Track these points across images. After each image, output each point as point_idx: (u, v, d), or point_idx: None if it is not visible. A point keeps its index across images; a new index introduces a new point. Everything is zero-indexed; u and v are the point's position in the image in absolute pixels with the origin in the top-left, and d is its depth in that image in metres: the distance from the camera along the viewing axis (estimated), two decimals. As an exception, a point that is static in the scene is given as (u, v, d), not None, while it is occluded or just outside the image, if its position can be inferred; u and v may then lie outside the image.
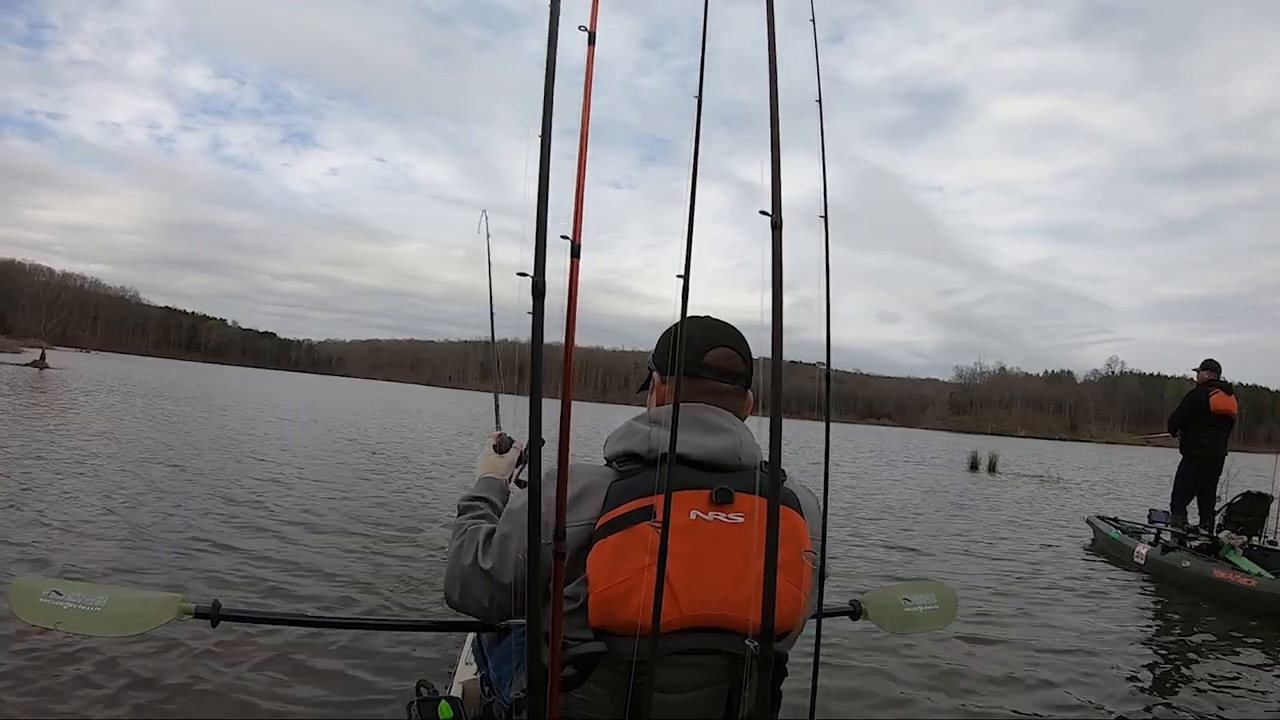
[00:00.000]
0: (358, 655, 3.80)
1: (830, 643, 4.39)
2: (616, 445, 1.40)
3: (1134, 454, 66.20)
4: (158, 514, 6.66)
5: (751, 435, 1.43)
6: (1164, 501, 8.97)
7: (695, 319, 1.49)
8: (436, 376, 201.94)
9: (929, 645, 4.64)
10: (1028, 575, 7.39)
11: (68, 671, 3.30)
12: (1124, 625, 5.81)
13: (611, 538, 1.25)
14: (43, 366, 36.32)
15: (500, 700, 1.64)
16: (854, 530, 9.35)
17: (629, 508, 1.26)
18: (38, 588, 1.52)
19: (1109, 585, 7.27)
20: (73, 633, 1.53)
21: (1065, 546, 9.55)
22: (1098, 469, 31.53)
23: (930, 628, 2.04)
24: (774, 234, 1.07)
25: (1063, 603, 6.34)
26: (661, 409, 1.38)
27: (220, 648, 3.68)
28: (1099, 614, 6.04)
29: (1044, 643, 5.01)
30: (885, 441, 42.96)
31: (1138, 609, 6.50)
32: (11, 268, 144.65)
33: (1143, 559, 7.94)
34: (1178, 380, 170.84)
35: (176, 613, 1.59)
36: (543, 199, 1.04)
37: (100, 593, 1.56)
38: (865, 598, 2.02)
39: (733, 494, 1.29)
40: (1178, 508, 8.24)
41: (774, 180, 1.08)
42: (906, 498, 14.01)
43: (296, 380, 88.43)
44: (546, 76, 1.04)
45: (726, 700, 1.29)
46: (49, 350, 50.11)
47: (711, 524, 1.28)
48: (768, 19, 1.12)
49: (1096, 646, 5.06)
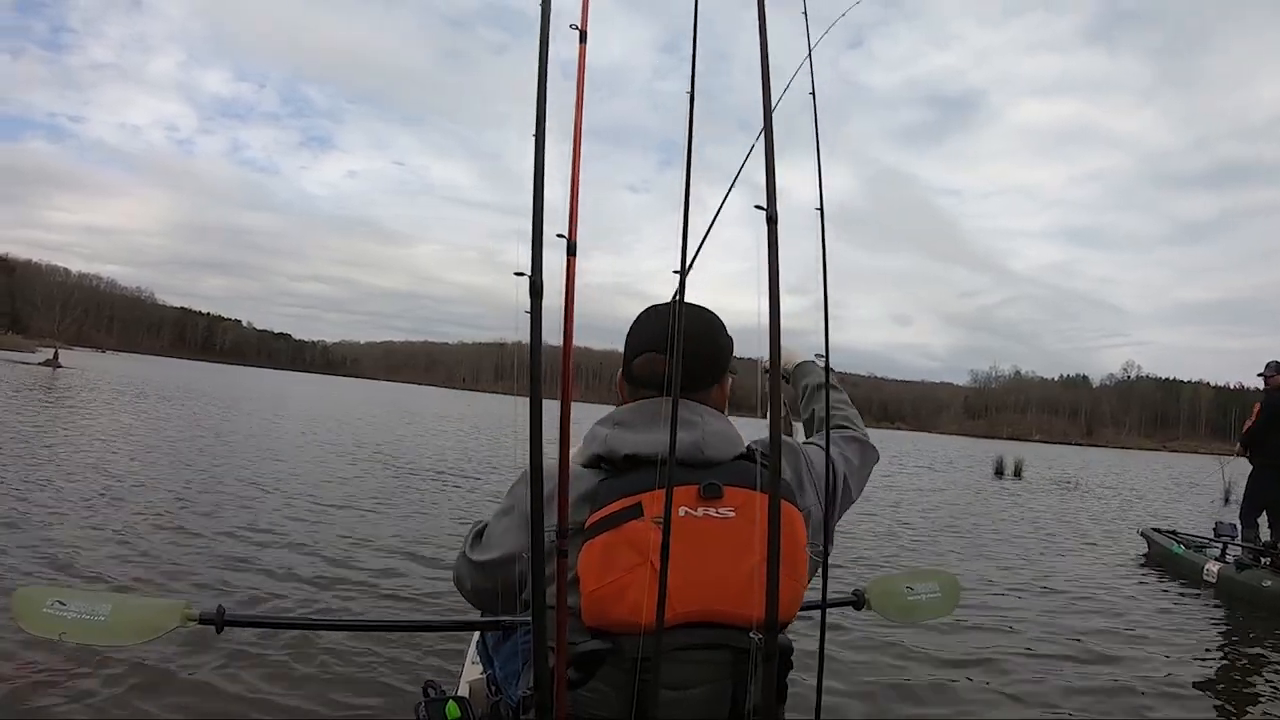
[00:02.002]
0: (364, 657, 3.81)
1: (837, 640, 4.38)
2: (584, 451, 1.40)
3: (1151, 459, 65.83)
4: (162, 517, 6.70)
5: (725, 425, 1.41)
6: (1193, 508, 8.73)
7: (656, 309, 1.47)
8: (450, 378, 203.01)
9: (985, 669, 4.44)
10: (1085, 594, 6.76)
11: (71, 677, 3.30)
12: (1207, 654, 5.23)
13: (600, 537, 1.24)
14: (55, 366, 36.72)
15: (507, 699, 1.64)
16: (902, 548, 8.59)
17: (616, 506, 1.25)
18: (41, 598, 1.51)
19: (1178, 606, 6.61)
20: (78, 643, 1.52)
21: (1118, 560, 8.86)
22: (1119, 475, 31.12)
23: (933, 616, 2.04)
24: (769, 228, 1.07)
25: (1131, 628, 5.68)
26: (624, 409, 1.41)
27: (226, 652, 3.69)
28: (1174, 644, 5.34)
29: (1119, 674, 4.54)
30: (903, 446, 42.61)
31: (1219, 634, 5.85)
32: (28, 268, 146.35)
33: (1213, 577, 7.23)
34: (1193, 385, 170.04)
35: (181, 619, 1.58)
36: (538, 198, 1.04)
37: (104, 601, 1.55)
38: (869, 586, 2.01)
39: (721, 489, 1.28)
40: (1248, 521, 7.62)
41: (769, 174, 1.08)
42: (941, 506, 13.40)
43: (308, 381, 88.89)
44: (539, 76, 1.05)
45: (732, 695, 1.28)
46: (63, 350, 50.59)
47: (702, 520, 1.26)
48: (758, 11, 1.12)
49: (1179, 675, 4.63)
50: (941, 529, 10.43)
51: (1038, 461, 31.89)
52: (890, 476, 18.16)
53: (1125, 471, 34.85)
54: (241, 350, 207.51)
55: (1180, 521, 12.26)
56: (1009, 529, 11.07)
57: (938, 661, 4.50)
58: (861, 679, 4.11)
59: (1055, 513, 13.96)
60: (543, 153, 1.04)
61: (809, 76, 1.62)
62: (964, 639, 4.96)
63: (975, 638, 5.03)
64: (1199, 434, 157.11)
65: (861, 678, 4.13)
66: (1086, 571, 7.98)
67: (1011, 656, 4.70)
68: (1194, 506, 17.44)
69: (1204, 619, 6.25)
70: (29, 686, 3.19)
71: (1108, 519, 13.54)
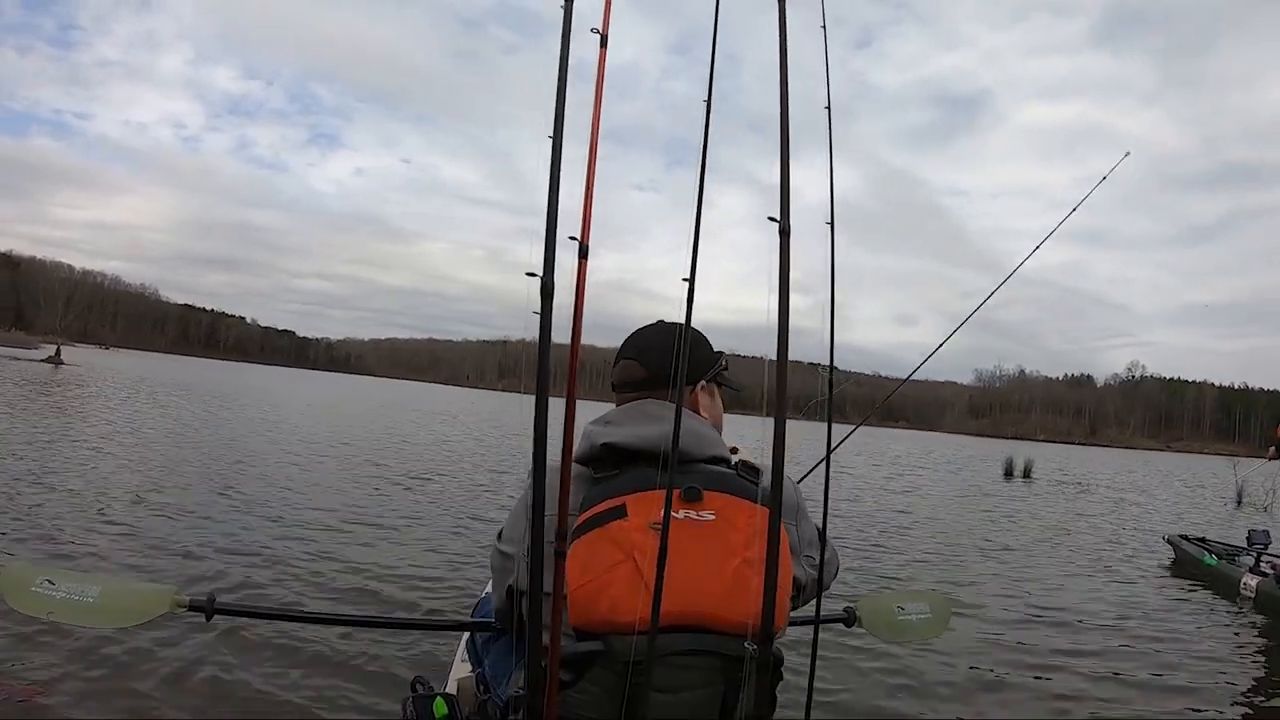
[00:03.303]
0: (353, 652, 3.80)
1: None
2: (577, 449, 1.47)
3: (1155, 459, 65.51)
4: (154, 510, 6.71)
5: (700, 425, 1.47)
6: (1207, 511, 8.32)
7: (640, 331, 1.60)
8: (455, 376, 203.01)
9: (1001, 693, 4.12)
10: (1114, 609, 6.16)
11: (53, 664, 3.31)
12: (1259, 683, 4.69)
13: (586, 536, 1.28)
14: (57, 363, 36.76)
15: (495, 699, 1.66)
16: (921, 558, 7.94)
17: (603, 507, 1.30)
18: (30, 576, 1.53)
19: (1215, 624, 6.00)
20: (65, 623, 1.53)
21: (1142, 570, 8.21)
22: (1127, 476, 30.70)
23: (923, 637, 2.07)
24: (782, 240, 1.08)
25: (1164, 650, 5.10)
26: (613, 410, 1.52)
27: (214, 642, 3.70)
28: (1222, 670, 4.80)
29: (1165, 705, 4.12)
30: (907, 446, 42.30)
31: (1267, 659, 5.22)
32: (33, 264, 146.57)
33: (1252, 591, 6.64)
34: (1198, 385, 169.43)
35: (171, 605, 1.60)
36: (553, 201, 1.05)
37: (93, 583, 1.58)
38: (860, 604, 2.04)
39: (701, 492, 1.32)
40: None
41: (783, 187, 1.09)
42: (951, 512, 12.76)
43: (310, 377, 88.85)
44: (559, 79, 1.06)
45: (722, 701, 1.30)
46: (66, 346, 50.64)
47: (682, 522, 1.29)
48: (780, 34, 1.12)
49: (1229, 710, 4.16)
50: (956, 535, 9.94)
51: (1044, 462, 31.36)
52: (899, 476, 18.06)
53: (1132, 472, 34.53)
54: (245, 347, 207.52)
55: (1198, 525, 12.05)
56: (1025, 534, 10.60)
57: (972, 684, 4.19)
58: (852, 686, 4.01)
59: (1071, 517, 13.41)
60: (559, 155, 1.05)
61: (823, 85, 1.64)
62: (981, 657, 4.58)
63: (996, 654, 4.67)
64: (1203, 434, 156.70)
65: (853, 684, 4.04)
66: (1113, 583, 7.45)
67: (1031, 682, 4.28)
68: (1207, 508, 17.26)
69: (1248, 641, 5.62)
70: (5, 674, 3.20)
71: (1126, 523, 13.07)
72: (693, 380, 1.55)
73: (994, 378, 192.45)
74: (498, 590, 1.53)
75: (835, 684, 3.94)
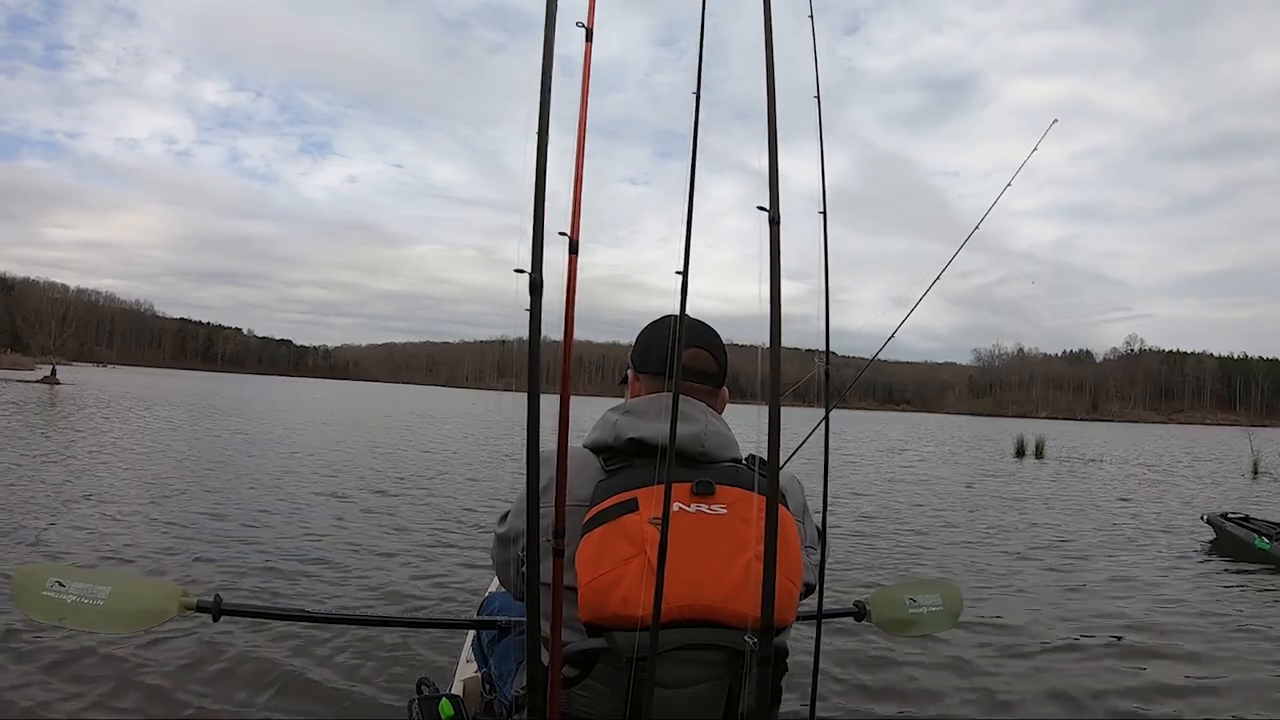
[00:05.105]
0: (359, 652, 3.81)
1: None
2: (591, 435, 1.47)
3: (1161, 431, 65.35)
4: (153, 520, 6.70)
5: (724, 427, 1.47)
6: (1225, 484, 7.63)
7: (672, 318, 1.53)
8: (454, 377, 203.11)
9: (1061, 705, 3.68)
10: (1162, 598, 5.72)
11: (61, 663, 3.34)
12: None
13: (597, 530, 1.27)
14: (53, 383, 36.68)
15: (501, 698, 1.66)
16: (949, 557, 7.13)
17: (613, 501, 1.29)
18: (42, 577, 1.54)
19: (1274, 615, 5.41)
20: (76, 629, 1.54)
21: (1182, 552, 7.69)
22: (1137, 450, 30.17)
23: (933, 630, 2.03)
24: (772, 229, 1.07)
25: (1214, 643, 4.63)
26: (636, 400, 1.48)
27: (220, 642, 3.72)
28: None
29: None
30: (910, 429, 42.07)
31: None
32: (26, 286, 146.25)
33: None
34: (1197, 356, 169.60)
35: (178, 607, 1.62)
36: (539, 196, 1.04)
37: (103, 582, 1.58)
38: (870, 598, 2.02)
39: (714, 486, 1.31)
40: None
41: (772, 176, 1.08)
42: (969, 494, 12.44)
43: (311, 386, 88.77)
44: (544, 74, 1.04)
45: (728, 695, 1.29)
46: (63, 366, 50.55)
47: (694, 516, 1.29)
48: (765, 22, 1.11)
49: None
50: (981, 521, 9.48)
51: (1052, 440, 30.43)
52: (909, 468, 17.94)
53: (1141, 446, 34.12)
54: (242, 359, 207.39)
55: (1222, 501, 11.86)
56: (1053, 517, 10.05)
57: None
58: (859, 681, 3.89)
59: (1097, 497, 12.76)
60: (544, 151, 1.04)
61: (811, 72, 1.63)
62: (1028, 663, 4.20)
63: (1044, 659, 4.26)
64: (1204, 405, 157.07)
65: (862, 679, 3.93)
66: (1157, 569, 6.88)
67: (1082, 678, 3.95)
68: (1224, 481, 16.99)
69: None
70: (11, 675, 3.23)
71: (1151, 501, 12.43)
72: (722, 380, 1.56)
73: (993, 357, 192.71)
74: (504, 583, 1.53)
75: (843, 677, 3.89)
